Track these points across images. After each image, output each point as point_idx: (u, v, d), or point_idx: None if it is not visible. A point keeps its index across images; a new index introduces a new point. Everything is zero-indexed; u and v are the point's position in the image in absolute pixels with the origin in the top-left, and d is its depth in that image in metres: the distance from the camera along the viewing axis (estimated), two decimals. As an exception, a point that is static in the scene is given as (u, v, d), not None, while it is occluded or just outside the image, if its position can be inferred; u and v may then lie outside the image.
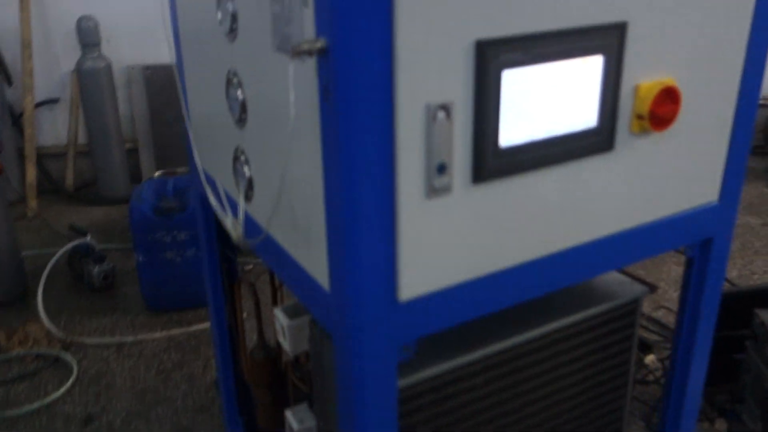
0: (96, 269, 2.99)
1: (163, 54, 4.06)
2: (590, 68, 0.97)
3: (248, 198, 1.18)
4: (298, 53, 0.79)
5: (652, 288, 2.82)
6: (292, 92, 0.82)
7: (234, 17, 1.07)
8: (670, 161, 1.12)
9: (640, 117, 1.04)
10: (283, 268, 1.12)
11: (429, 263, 0.94)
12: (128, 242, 3.17)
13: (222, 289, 1.62)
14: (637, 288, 1.34)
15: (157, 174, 3.75)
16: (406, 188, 0.87)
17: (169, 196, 2.91)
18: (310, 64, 0.85)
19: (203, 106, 1.35)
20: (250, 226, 1.18)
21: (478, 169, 0.92)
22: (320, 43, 0.79)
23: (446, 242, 0.94)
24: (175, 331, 2.72)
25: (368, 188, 0.85)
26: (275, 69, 0.97)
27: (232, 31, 1.09)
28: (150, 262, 2.78)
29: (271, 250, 1.14)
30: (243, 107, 1.12)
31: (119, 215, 3.81)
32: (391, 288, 0.92)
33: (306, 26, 0.84)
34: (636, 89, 1.03)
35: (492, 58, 0.87)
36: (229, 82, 1.15)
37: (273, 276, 1.53)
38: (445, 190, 0.90)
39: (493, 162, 0.93)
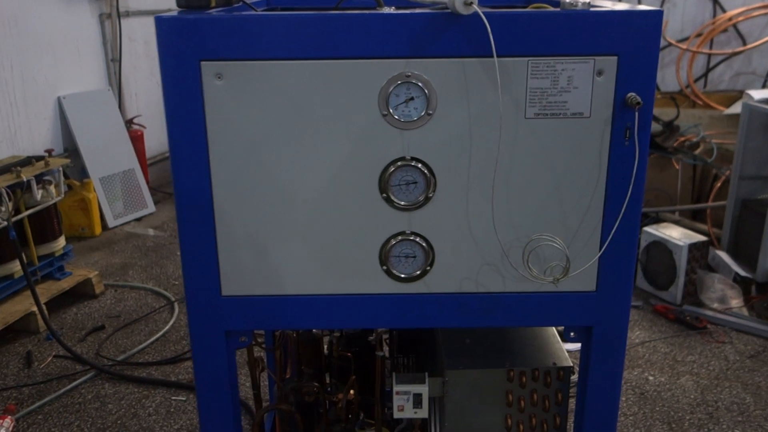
0: None
1: None
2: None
3: (418, 276, 1.25)
4: (635, 105, 1.13)
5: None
6: (636, 138, 1.14)
7: (428, 104, 1.16)
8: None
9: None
10: (506, 311, 1.30)
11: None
12: None
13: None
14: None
15: None
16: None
17: None
18: (592, 120, 1.17)
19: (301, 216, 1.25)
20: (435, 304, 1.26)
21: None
22: (639, 99, 1.15)
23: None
24: None
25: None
26: (522, 132, 1.19)
27: (420, 118, 1.17)
28: None
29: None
30: (429, 185, 1.20)
31: None
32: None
33: (599, 90, 1.16)
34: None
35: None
36: (394, 170, 1.19)
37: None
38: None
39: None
